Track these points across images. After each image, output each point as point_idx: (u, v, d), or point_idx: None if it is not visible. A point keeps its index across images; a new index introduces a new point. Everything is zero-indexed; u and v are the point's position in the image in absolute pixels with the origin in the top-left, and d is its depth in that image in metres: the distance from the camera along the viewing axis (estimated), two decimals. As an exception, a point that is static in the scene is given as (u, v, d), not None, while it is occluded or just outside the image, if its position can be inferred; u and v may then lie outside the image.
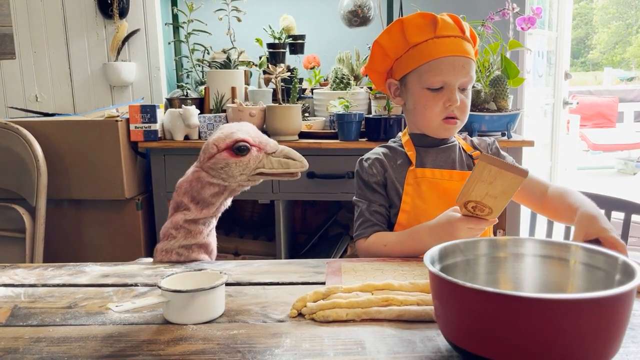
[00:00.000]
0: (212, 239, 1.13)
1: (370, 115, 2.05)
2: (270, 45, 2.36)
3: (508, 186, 0.92)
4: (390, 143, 1.33)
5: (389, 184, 1.24)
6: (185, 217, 1.09)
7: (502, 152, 1.32)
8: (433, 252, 0.73)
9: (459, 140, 1.31)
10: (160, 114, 2.13)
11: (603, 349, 0.59)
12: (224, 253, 2.25)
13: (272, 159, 1.07)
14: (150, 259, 1.15)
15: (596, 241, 0.96)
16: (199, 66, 2.41)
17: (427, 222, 1.12)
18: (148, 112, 2.07)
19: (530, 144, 1.93)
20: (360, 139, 2.01)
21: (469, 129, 1.96)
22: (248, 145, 1.04)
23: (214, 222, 1.14)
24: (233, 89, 2.20)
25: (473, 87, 1.94)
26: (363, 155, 1.31)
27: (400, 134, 1.33)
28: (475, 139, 1.34)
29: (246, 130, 1.07)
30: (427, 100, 1.20)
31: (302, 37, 2.41)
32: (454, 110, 1.20)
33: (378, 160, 1.26)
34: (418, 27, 1.18)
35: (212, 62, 2.30)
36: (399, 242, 1.15)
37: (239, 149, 1.04)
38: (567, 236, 1.79)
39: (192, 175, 1.09)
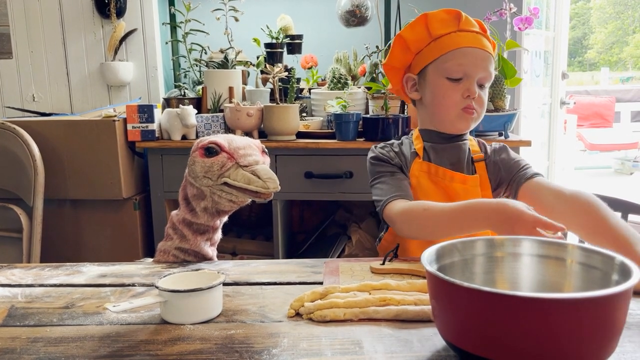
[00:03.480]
0: (209, 250, 1.12)
1: (368, 115, 2.05)
2: (267, 45, 2.36)
3: None
4: (402, 138, 1.32)
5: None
6: (177, 216, 1.10)
7: (512, 153, 1.27)
8: (430, 251, 0.73)
9: (470, 142, 1.28)
10: (158, 113, 2.13)
11: (600, 348, 0.59)
12: (221, 253, 2.25)
13: (240, 171, 1.01)
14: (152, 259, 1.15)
15: None
16: (197, 66, 2.41)
17: (481, 203, 1.00)
18: (145, 111, 2.07)
19: (528, 143, 1.94)
20: (357, 139, 2.01)
21: (466, 129, 1.97)
22: (217, 148, 1.02)
23: (212, 235, 1.12)
24: (231, 89, 2.20)
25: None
26: (360, 154, 1.32)
27: (412, 132, 1.33)
28: (488, 145, 1.29)
29: (231, 139, 1.05)
30: (447, 89, 1.18)
31: (299, 37, 2.41)
32: (473, 103, 1.18)
33: (391, 147, 1.27)
34: (442, 21, 1.20)
35: (210, 61, 2.30)
36: (443, 213, 1.03)
37: (207, 149, 1.02)
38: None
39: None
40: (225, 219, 1.13)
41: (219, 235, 1.14)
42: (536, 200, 1.14)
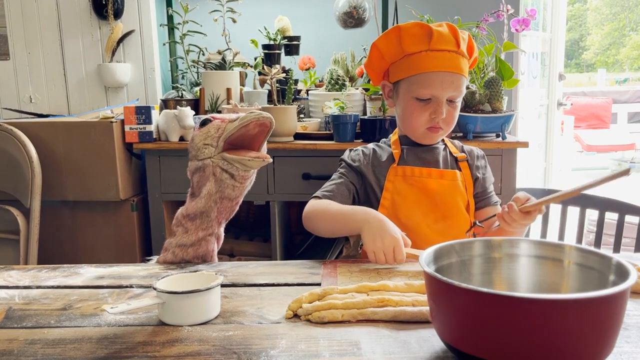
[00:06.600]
0: (209, 247, 1.12)
1: (366, 117, 2.05)
2: (265, 47, 2.36)
3: None
4: (380, 142, 1.36)
5: (369, 177, 1.27)
6: (181, 210, 1.11)
7: (488, 168, 1.36)
8: (428, 252, 0.73)
9: (447, 142, 1.34)
10: (155, 115, 2.12)
11: (597, 348, 0.59)
12: (219, 254, 2.24)
13: (234, 123, 1.05)
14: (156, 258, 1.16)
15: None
16: (194, 67, 2.41)
17: (365, 209, 1.13)
18: (143, 113, 2.07)
19: (525, 145, 1.94)
20: (355, 140, 2.01)
21: (463, 130, 1.97)
22: (210, 118, 1.08)
23: (217, 229, 1.13)
24: (228, 90, 2.20)
25: (468, 88, 1.96)
26: None
27: (391, 134, 1.36)
28: (465, 146, 1.36)
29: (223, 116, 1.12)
30: (415, 109, 1.24)
31: (297, 38, 2.42)
32: (439, 122, 1.24)
33: (364, 152, 1.32)
34: (414, 37, 1.21)
35: (207, 63, 2.30)
36: (335, 211, 1.18)
37: (202, 122, 1.08)
38: (561, 237, 1.80)
39: None
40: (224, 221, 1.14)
41: (222, 231, 1.15)
42: (489, 220, 1.24)
